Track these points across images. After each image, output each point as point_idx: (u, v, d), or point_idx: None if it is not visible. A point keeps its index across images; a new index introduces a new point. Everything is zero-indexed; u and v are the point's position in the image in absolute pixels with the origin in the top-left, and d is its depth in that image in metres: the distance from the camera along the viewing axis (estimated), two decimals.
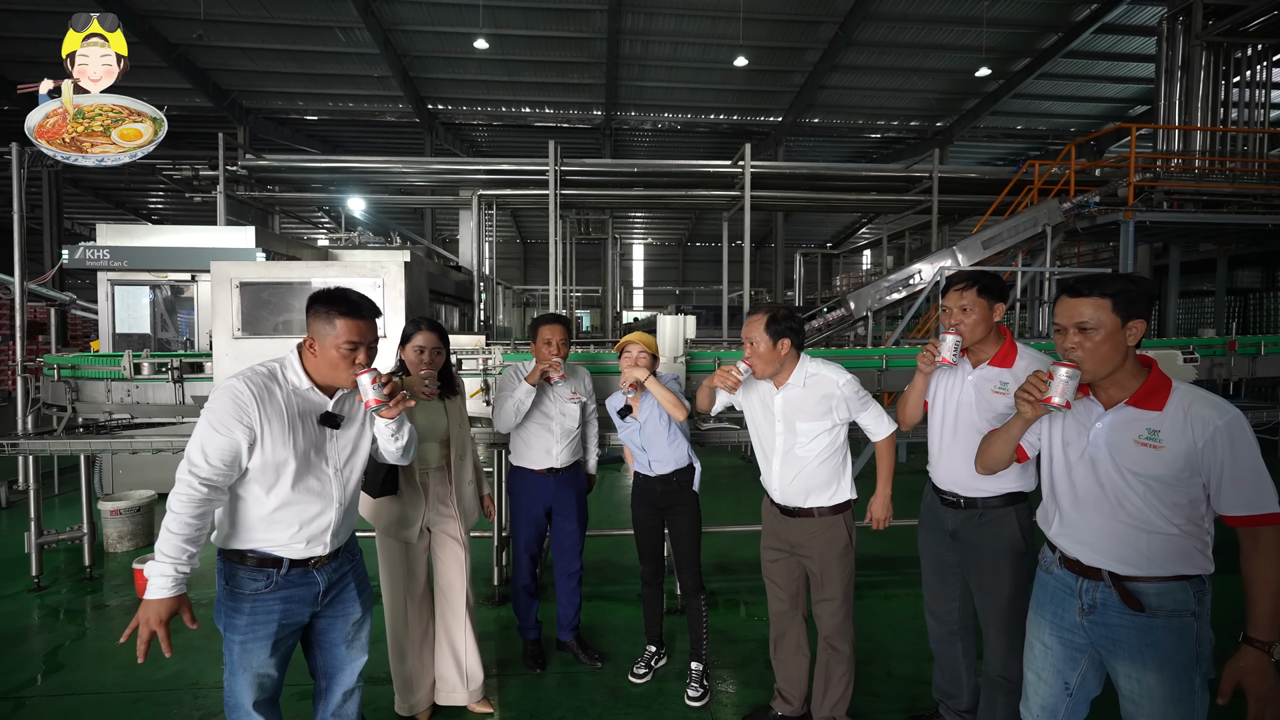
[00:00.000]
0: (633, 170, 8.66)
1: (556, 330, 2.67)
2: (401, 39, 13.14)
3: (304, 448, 1.64)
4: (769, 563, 2.31)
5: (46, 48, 12.49)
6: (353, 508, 1.83)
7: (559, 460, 2.72)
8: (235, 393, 1.58)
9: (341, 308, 1.66)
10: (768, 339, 2.10)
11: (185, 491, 1.51)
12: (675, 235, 27.93)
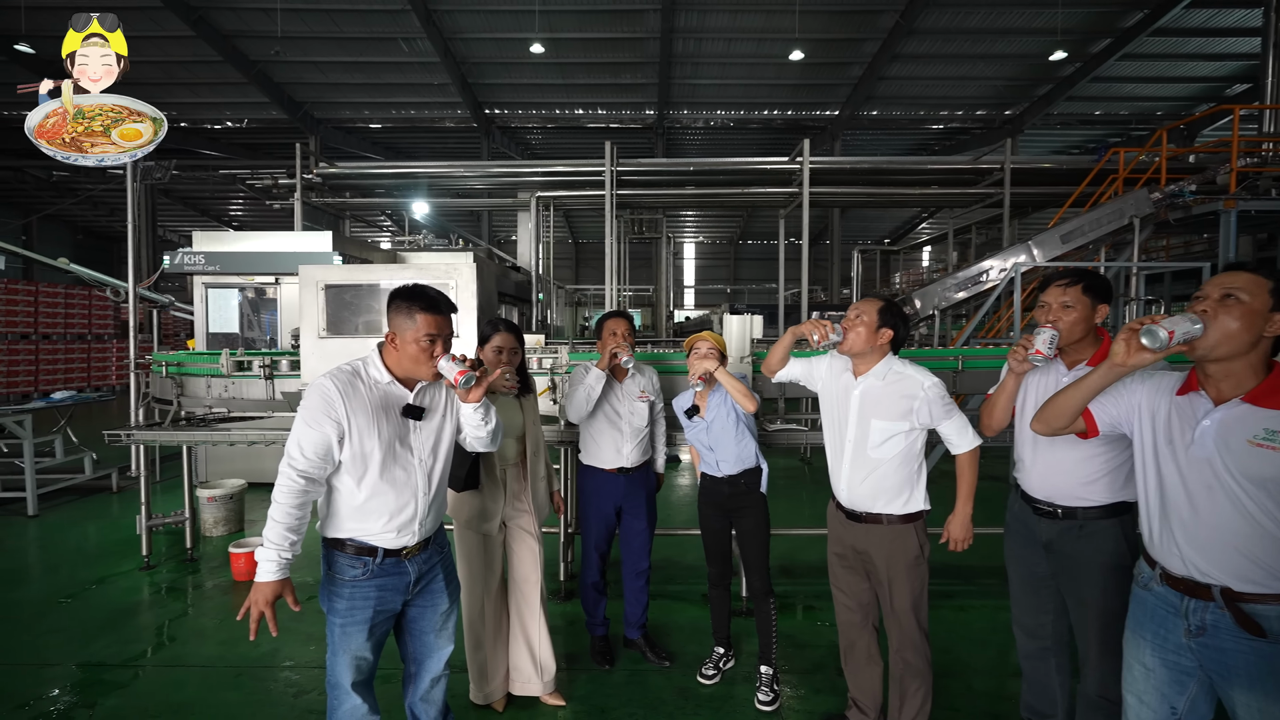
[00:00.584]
0: (688, 169, 8.64)
1: (621, 323, 2.72)
2: (460, 47, 13.55)
3: (389, 439, 1.73)
4: (837, 570, 2.24)
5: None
6: (439, 499, 1.91)
7: (629, 459, 2.75)
8: (323, 390, 1.69)
9: (422, 303, 1.75)
10: (875, 318, 2.07)
11: (285, 483, 1.63)
12: (727, 233, 27.70)
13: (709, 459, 2.62)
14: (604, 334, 2.71)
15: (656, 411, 2.92)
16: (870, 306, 2.09)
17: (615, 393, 2.76)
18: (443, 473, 1.91)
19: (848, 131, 16.06)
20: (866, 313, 2.07)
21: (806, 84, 14.54)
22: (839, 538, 2.20)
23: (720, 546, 2.68)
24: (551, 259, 11.80)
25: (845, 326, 2.09)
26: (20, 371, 11.36)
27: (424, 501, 1.81)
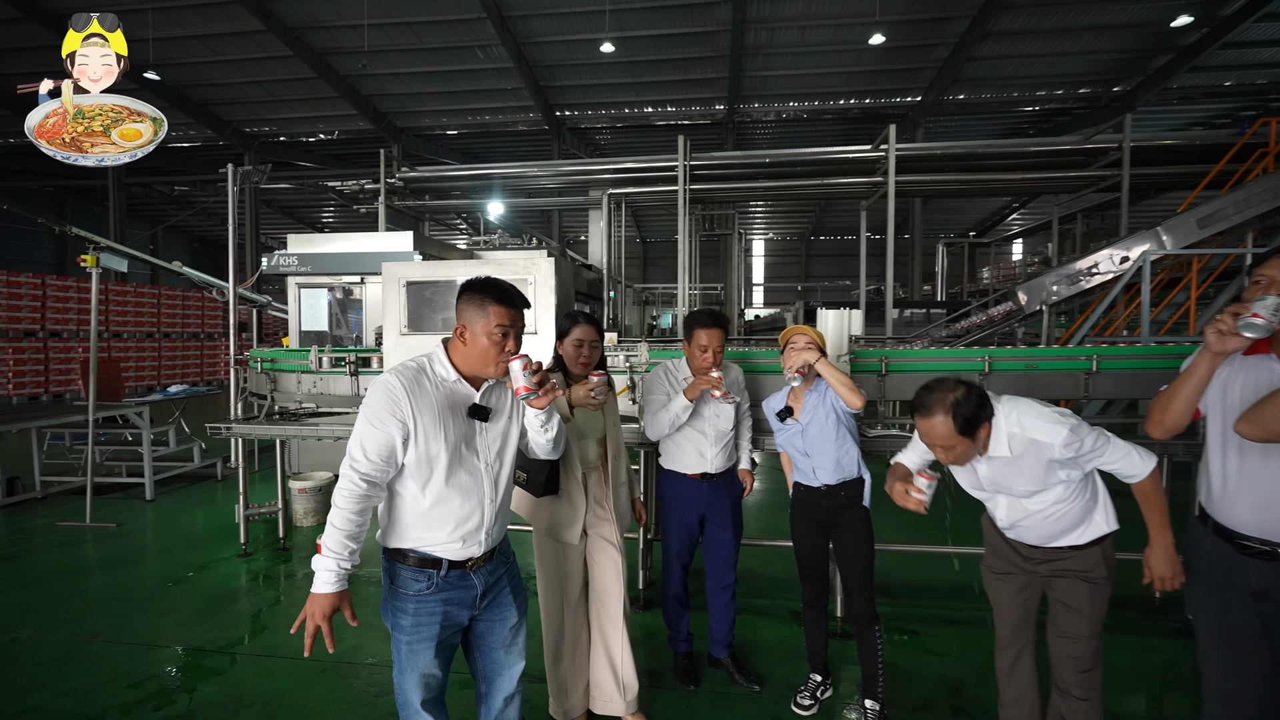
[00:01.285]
0: (764, 161, 8.30)
1: (715, 335, 2.48)
2: (533, 51, 13.72)
3: (455, 440, 1.62)
4: (992, 578, 1.94)
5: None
6: (505, 506, 1.78)
7: (713, 465, 2.55)
8: (388, 387, 1.59)
9: (495, 294, 1.65)
10: (963, 440, 1.67)
11: (347, 487, 1.53)
12: (798, 229, 26.87)
13: (804, 466, 2.38)
14: (693, 345, 2.49)
15: (742, 412, 2.70)
16: (943, 433, 1.66)
17: (700, 396, 2.57)
18: (509, 478, 1.79)
19: (930, 118, 15.12)
20: (949, 443, 1.67)
21: (886, 69, 13.77)
22: (998, 551, 1.92)
23: (816, 565, 2.43)
24: (623, 262, 11.77)
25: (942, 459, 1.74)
26: (146, 366, 12.47)
27: (490, 509, 1.69)
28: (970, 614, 3.15)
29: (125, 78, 9.69)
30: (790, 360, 2.27)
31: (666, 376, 2.61)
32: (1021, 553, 1.84)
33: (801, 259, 27.42)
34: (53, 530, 4.46)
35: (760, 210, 24.09)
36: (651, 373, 2.69)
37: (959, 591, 3.36)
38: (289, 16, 12.66)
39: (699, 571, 2.70)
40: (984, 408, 1.69)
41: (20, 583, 3.60)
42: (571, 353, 2.27)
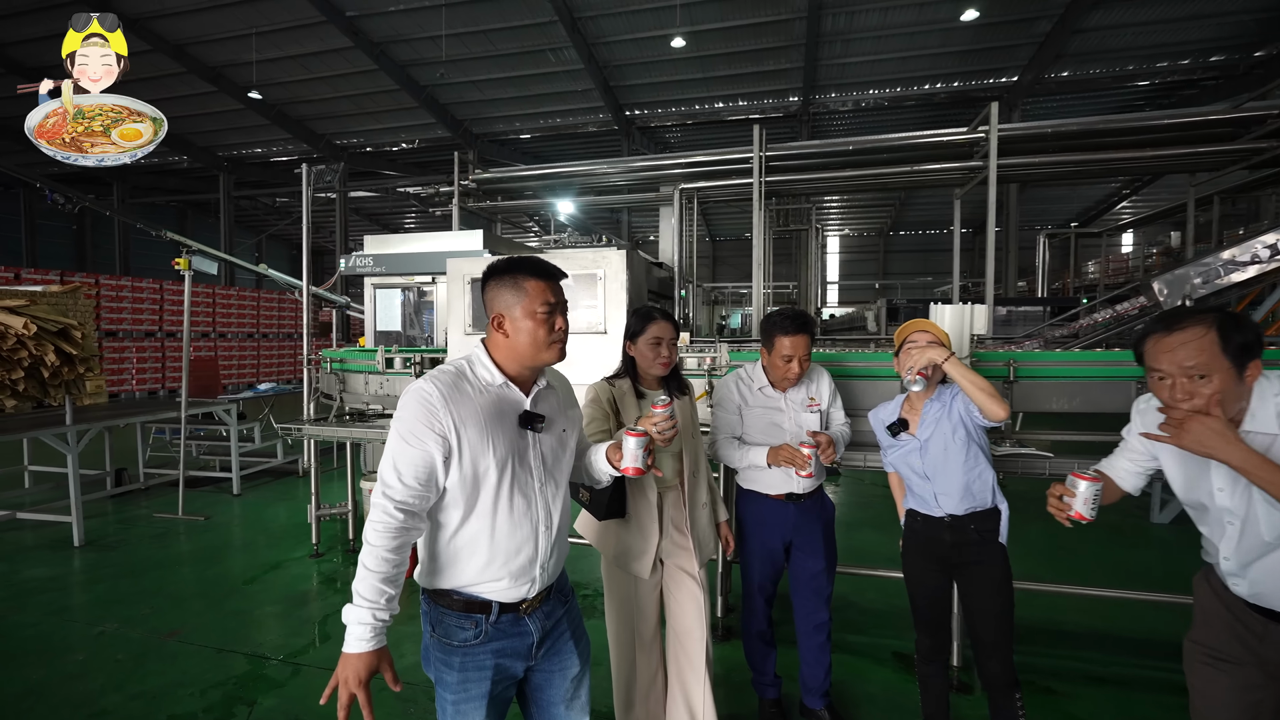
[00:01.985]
0: (846, 149, 7.70)
1: (800, 343, 2.11)
2: (603, 51, 13.61)
3: (504, 454, 1.36)
4: (1203, 662, 1.38)
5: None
6: (562, 534, 1.50)
7: (801, 484, 2.18)
8: (423, 396, 1.32)
9: (527, 269, 1.40)
10: (1225, 367, 1.20)
11: (381, 519, 1.27)
12: (875, 224, 25.51)
13: (922, 491, 1.96)
14: (774, 354, 2.13)
15: (834, 423, 2.31)
16: (1207, 351, 1.21)
17: (778, 403, 2.20)
18: (566, 500, 1.51)
19: (1029, 100, 13.82)
20: (1210, 367, 1.20)
21: (978, 49, 12.69)
22: (1222, 626, 1.35)
23: (937, 612, 2.00)
24: (694, 259, 11.40)
25: (1183, 398, 1.22)
26: (246, 364, 13.31)
27: (546, 539, 1.41)
28: (1120, 670, 2.59)
29: (229, 95, 10.26)
30: (910, 361, 1.87)
31: (738, 388, 2.25)
32: (1258, 631, 1.30)
33: (879, 255, 26.03)
34: (150, 521, 4.63)
35: (835, 205, 23.02)
36: (723, 380, 2.33)
37: (1101, 640, 2.80)
38: (374, 32, 13.16)
39: (784, 598, 2.33)
40: (1260, 339, 1.23)
41: (116, 573, 3.70)
42: (648, 354, 1.97)
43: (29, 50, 13.04)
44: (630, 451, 1.47)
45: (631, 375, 2.04)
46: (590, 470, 1.67)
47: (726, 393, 2.25)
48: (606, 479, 1.66)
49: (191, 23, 12.59)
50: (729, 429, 2.23)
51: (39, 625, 3.06)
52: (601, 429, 1.91)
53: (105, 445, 5.27)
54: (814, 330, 2.19)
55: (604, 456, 1.61)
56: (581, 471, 1.70)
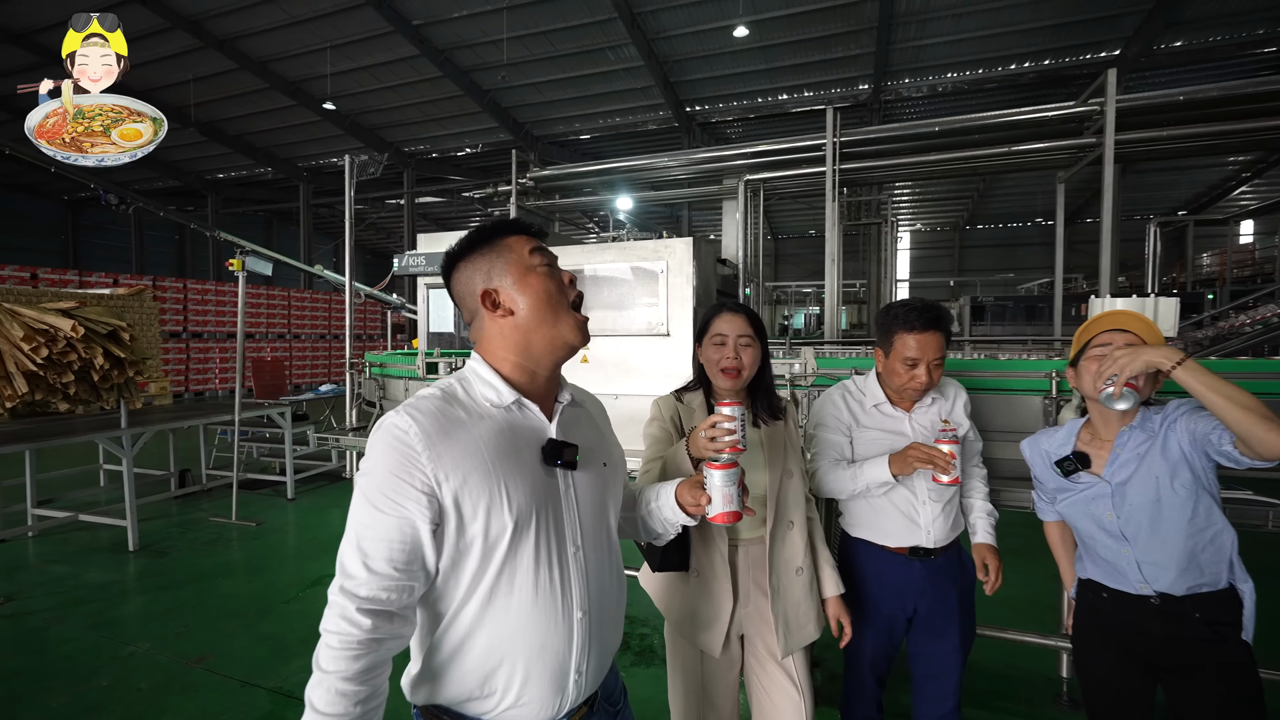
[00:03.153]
0: (930, 131, 6.91)
1: (931, 343, 1.57)
2: (662, 46, 13.16)
3: (524, 505, 0.93)
4: None
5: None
6: (609, 619, 1.05)
7: (932, 534, 1.63)
8: (395, 436, 0.90)
9: (505, 228, 1.04)
10: None
11: (337, 629, 0.85)
12: (951, 217, 23.82)
13: (1114, 557, 1.38)
14: (893, 357, 1.60)
15: (972, 452, 1.75)
16: None
17: (900, 425, 1.66)
18: (615, 566, 1.07)
19: (1132, 75, 12.32)
20: None
21: (1073, 22, 11.41)
22: None
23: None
24: (760, 256, 10.75)
25: None
26: (319, 366, 13.70)
27: (583, 629, 0.97)
28: None
29: (307, 108, 10.46)
30: (1110, 367, 1.29)
31: (846, 404, 1.72)
32: None
33: (955, 250, 24.32)
34: (204, 525, 4.53)
35: (907, 198, 21.62)
36: (824, 397, 1.79)
37: None
38: (439, 39, 13.24)
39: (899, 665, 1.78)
40: None
41: (161, 583, 3.55)
42: (715, 356, 1.48)
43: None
44: (719, 489, 1.07)
45: (705, 387, 1.56)
46: (649, 521, 1.21)
47: (831, 410, 1.72)
48: (673, 532, 1.19)
49: (273, 40, 13.05)
50: (835, 450, 1.70)
51: (76, 641, 2.89)
52: (662, 459, 1.45)
53: (170, 446, 5.26)
54: (949, 327, 1.63)
55: (671, 499, 1.14)
56: (634, 525, 1.23)
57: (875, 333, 1.69)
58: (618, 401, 2.72)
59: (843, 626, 1.58)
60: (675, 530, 1.19)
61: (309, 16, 12.19)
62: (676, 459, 1.34)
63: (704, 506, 1.09)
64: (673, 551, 1.43)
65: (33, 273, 9.31)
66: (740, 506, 1.09)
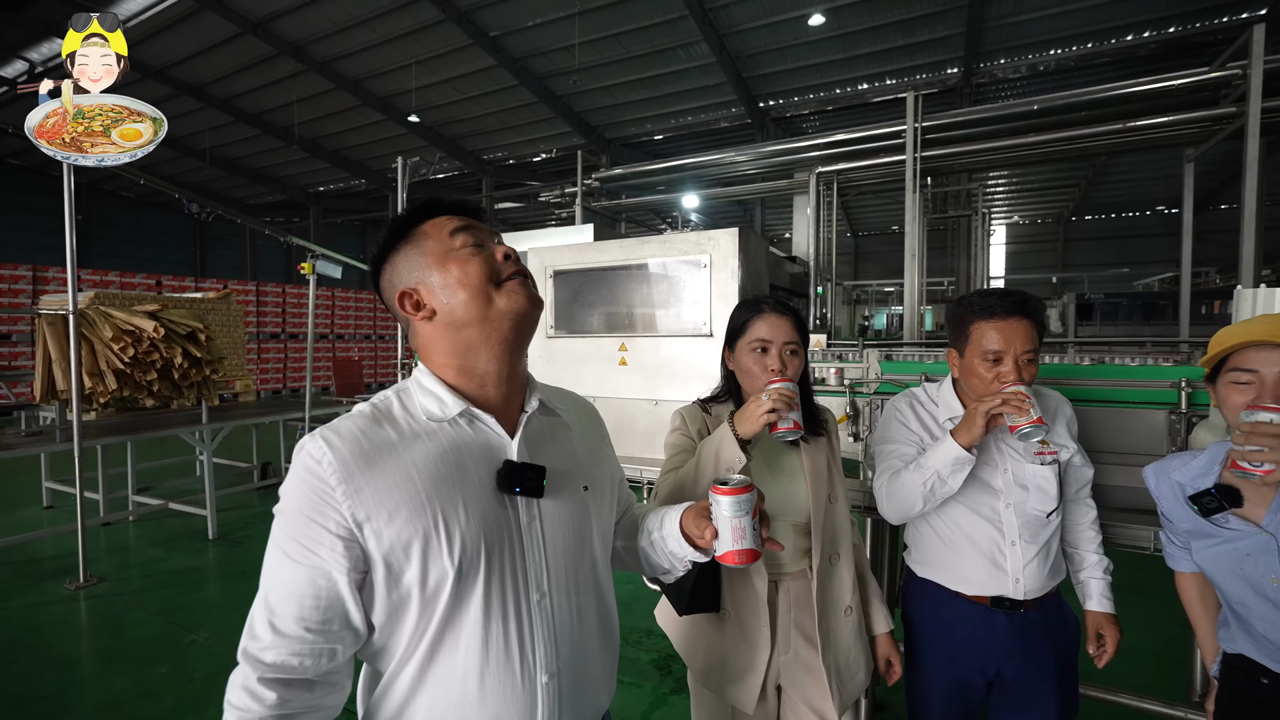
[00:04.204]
0: (1029, 110, 6.19)
1: (1018, 333, 1.25)
2: (735, 41, 12.79)
3: (471, 544, 0.75)
4: None
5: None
6: (591, 678, 0.86)
7: (1023, 584, 1.30)
8: (306, 466, 0.74)
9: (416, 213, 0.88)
10: None
11: (237, 702, 0.71)
12: (1053, 208, 21.72)
13: (1275, 629, 1.02)
14: (974, 356, 1.28)
15: (1078, 480, 1.40)
16: None
17: (986, 445, 1.34)
18: (601, 614, 0.89)
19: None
20: None
21: None
22: None
23: None
24: (833, 253, 10.15)
25: None
26: (392, 366, 14.41)
27: (549, 696, 0.79)
28: None
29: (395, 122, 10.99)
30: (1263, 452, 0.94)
31: (915, 413, 1.41)
32: None
33: (1057, 245, 22.16)
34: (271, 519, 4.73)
35: (1003, 188, 19.92)
36: (889, 407, 1.49)
37: None
38: (515, 49, 13.57)
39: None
40: None
41: (230, 572, 3.69)
42: (750, 366, 1.23)
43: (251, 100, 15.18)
44: (727, 520, 0.83)
45: (736, 397, 1.33)
46: (651, 554, 0.98)
47: (900, 420, 1.41)
48: (682, 568, 0.96)
49: (365, 60, 13.86)
50: (895, 464, 1.39)
51: (149, 625, 3.04)
52: (685, 457, 1.24)
53: (253, 440, 5.60)
54: (1040, 317, 1.30)
55: (676, 528, 0.91)
56: (635, 557, 1.03)
57: (948, 331, 1.38)
58: (657, 408, 2.52)
59: (890, 664, 1.34)
60: (684, 567, 0.97)
61: (396, 35, 12.84)
62: (720, 445, 1.13)
63: (710, 540, 0.87)
64: (703, 589, 1.21)
65: (158, 280, 10.35)
66: (756, 543, 0.84)
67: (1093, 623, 1.35)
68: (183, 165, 18.07)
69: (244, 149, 17.51)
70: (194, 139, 16.59)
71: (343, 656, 0.75)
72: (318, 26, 12.48)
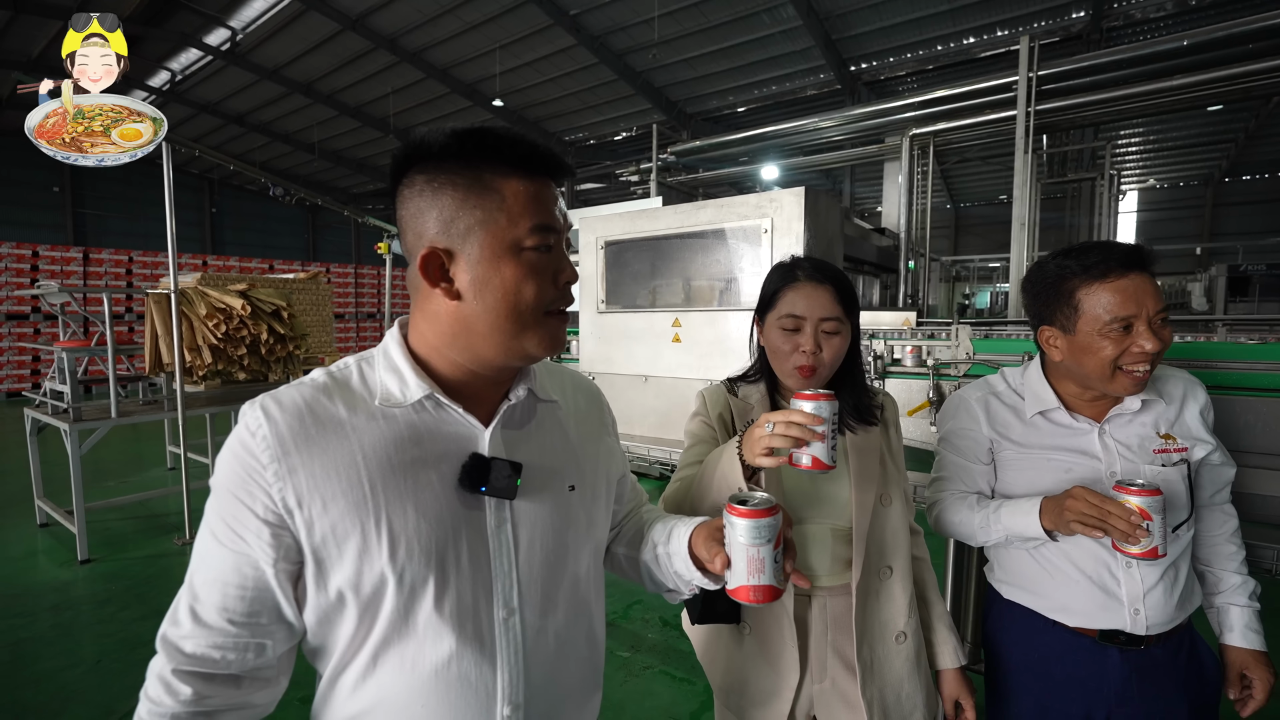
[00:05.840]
0: (1176, 47, 5.23)
1: (1148, 289, 0.96)
2: (824, 1, 11.94)
3: (418, 550, 0.64)
4: None
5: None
6: (568, 708, 0.75)
7: (1144, 616, 1.02)
8: (240, 438, 0.63)
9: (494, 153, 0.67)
10: None
11: (152, 694, 0.63)
12: (1199, 169, 18.82)
13: None
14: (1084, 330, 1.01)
15: (1217, 485, 1.09)
16: None
17: (1085, 443, 1.05)
18: (584, 634, 0.76)
19: None
20: None
21: None
22: None
23: None
24: (928, 225, 9.27)
25: None
26: None
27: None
28: None
29: (481, 107, 11.29)
30: None
31: (988, 413, 1.13)
32: None
33: (1205, 210, 19.24)
34: None
35: (1137, 147, 17.48)
36: (956, 399, 1.20)
37: None
38: (594, 26, 13.45)
39: None
40: None
41: None
42: (780, 344, 1.01)
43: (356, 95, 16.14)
44: (743, 548, 0.68)
45: (768, 376, 1.12)
46: (655, 571, 0.81)
47: (965, 421, 1.15)
48: (688, 591, 0.80)
49: (451, 48, 14.29)
50: (966, 484, 1.15)
51: None
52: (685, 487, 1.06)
53: None
54: (1154, 270, 1.00)
55: (684, 546, 0.75)
56: (638, 569, 0.86)
57: (1035, 306, 1.09)
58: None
59: (961, 709, 1.08)
60: (690, 591, 0.81)
61: (480, 20, 13.10)
62: (722, 464, 0.93)
63: (721, 570, 0.70)
64: (719, 596, 1.03)
65: (270, 263, 11.34)
66: (777, 578, 0.67)
67: (1234, 662, 1.04)
68: (296, 159, 19.66)
69: (347, 141, 18.73)
70: (304, 134, 17.94)
71: (274, 652, 0.66)
72: (409, 18, 12.97)
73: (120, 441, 6.48)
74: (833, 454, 0.80)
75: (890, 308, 6.02)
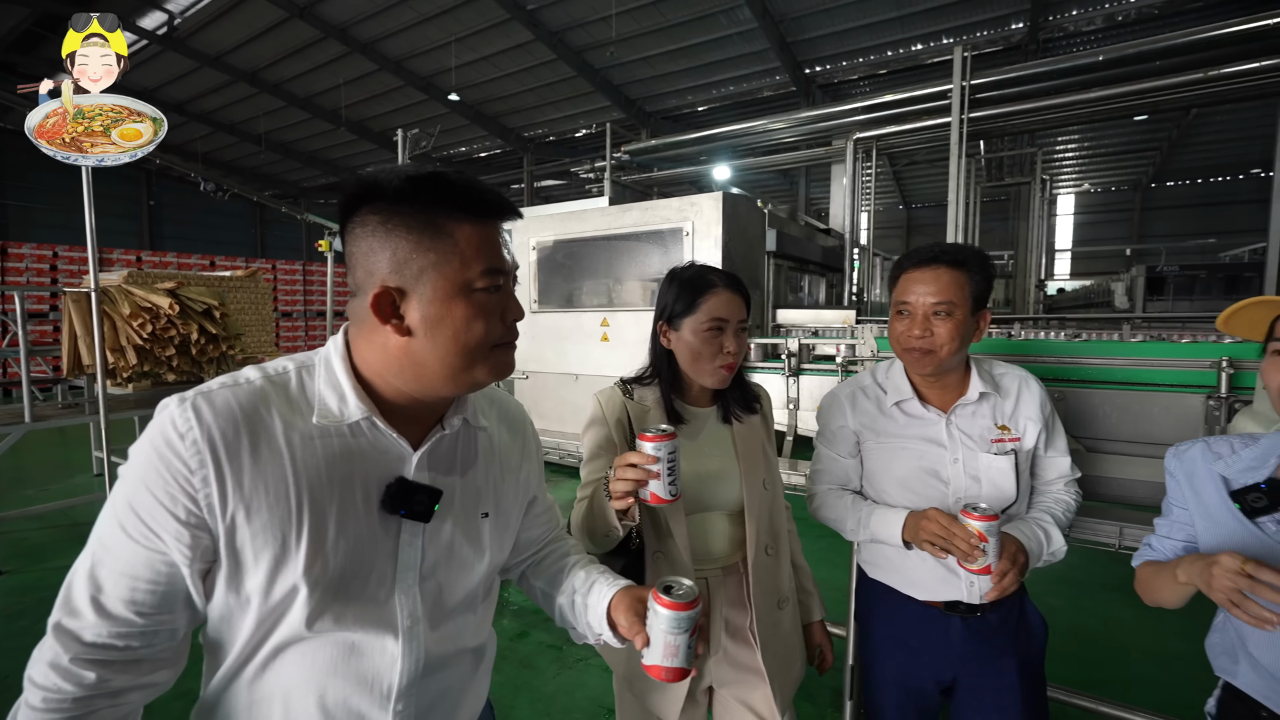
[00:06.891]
0: (1094, 61, 5.57)
1: (945, 279, 1.13)
2: (779, 4, 12.17)
3: (334, 566, 0.66)
4: None
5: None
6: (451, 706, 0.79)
7: (978, 587, 1.14)
8: (165, 437, 0.62)
9: (448, 197, 0.69)
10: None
11: (44, 682, 0.62)
12: (1129, 175, 19.94)
13: None
14: (892, 319, 1.21)
15: (1051, 475, 1.21)
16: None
17: (934, 432, 1.16)
18: (476, 658, 0.82)
19: None
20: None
21: None
22: None
23: None
24: (875, 227, 9.61)
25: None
26: None
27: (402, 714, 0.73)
28: None
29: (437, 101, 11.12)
30: None
31: (854, 406, 1.24)
32: None
33: (1134, 214, 20.39)
34: None
35: (1073, 153, 18.41)
36: (830, 395, 1.31)
37: None
38: (551, 22, 13.36)
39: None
40: None
41: None
42: (702, 348, 1.09)
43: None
44: (662, 634, 0.72)
45: (666, 380, 1.19)
46: (568, 613, 0.88)
47: (835, 413, 1.26)
48: (595, 641, 0.86)
49: (406, 39, 13.97)
50: (837, 476, 1.26)
51: None
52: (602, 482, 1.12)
53: None
54: (981, 267, 1.12)
55: (603, 607, 0.81)
56: (551, 606, 0.90)
57: (887, 284, 1.22)
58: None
59: (823, 653, 1.24)
60: (597, 642, 0.85)
61: (434, 12, 12.84)
62: (596, 502, 0.99)
63: (640, 647, 0.75)
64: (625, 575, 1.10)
65: (211, 260, 10.89)
66: (688, 662, 0.73)
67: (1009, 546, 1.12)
68: (241, 150, 18.86)
69: (297, 132, 18.10)
70: (250, 124, 17.25)
71: (179, 636, 0.68)
72: (359, 8, 12.61)
73: (45, 447, 6.16)
74: (672, 488, 0.86)
75: (835, 306, 6.22)
